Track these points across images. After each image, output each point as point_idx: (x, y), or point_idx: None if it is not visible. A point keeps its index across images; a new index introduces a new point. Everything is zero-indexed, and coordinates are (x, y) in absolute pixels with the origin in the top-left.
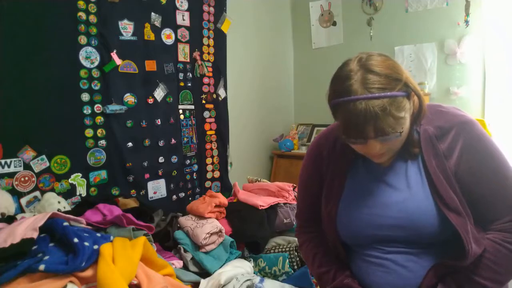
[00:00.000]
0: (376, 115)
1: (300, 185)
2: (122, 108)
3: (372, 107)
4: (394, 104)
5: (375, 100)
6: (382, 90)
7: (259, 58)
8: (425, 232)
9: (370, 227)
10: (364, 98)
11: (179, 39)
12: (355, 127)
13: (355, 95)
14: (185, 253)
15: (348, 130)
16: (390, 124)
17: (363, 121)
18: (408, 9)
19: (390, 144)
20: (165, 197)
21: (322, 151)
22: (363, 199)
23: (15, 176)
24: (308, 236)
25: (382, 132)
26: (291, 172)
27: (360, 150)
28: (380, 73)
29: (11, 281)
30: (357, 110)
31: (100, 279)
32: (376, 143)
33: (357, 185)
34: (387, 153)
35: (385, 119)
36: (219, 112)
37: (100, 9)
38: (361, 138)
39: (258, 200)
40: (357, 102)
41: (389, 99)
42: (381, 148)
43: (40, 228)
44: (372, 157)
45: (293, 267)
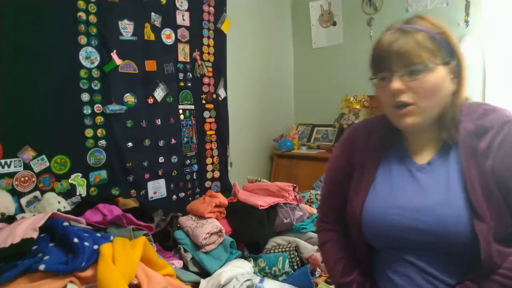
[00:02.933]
0: (407, 41)
1: (327, 174)
2: (122, 108)
3: (405, 33)
4: (432, 43)
5: (411, 29)
6: (425, 28)
7: (259, 58)
8: (455, 242)
9: (396, 229)
10: (399, 27)
11: (179, 39)
12: (382, 54)
13: None
14: (185, 253)
15: (374, 60)
16: (418, 53)
17: (390, 46)
18: (408, 9)
19: (416, 89)
20: (165, 197)
21: (357, 140)
22: (393, 197)
23: (15, 176)
24: (331, 235)
25: (408, 58)
26: (291, 172)
27: (386, 102)
28: (429, 20)
29: (11, 281)
30: (388, 36)
31: (100, 279)
32: (399, 80)
33: (388, 181)
34: (413, 110)
35: (415, 48)
36: (219, 112)
37: (100, 9)
38: (386, 70)
39: (258, 200)
40: (391, 31)
41: (426, 35)
42: (403, 88)
43: (40, 228)
44: (396, 110)
45: (293, 267)
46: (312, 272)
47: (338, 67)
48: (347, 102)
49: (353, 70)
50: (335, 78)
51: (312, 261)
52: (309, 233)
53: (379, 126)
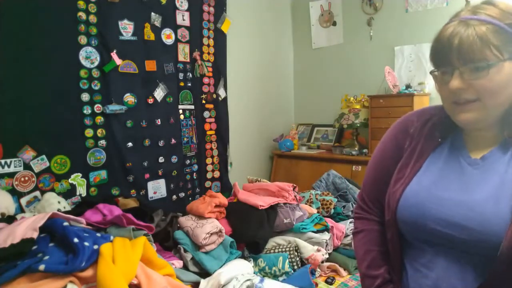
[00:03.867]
0: (468, 36)
1: (373, 158)
2: (122, 108)
3: (466, 26)
4: (497, 37)
5: (475, 21)
6: (491, 18)
7: (259, 58)
8: (489, 242)
9: (430, 220)
10: (463, 18)
11: (179, 39)
12: (442, 48)
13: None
14: (185, 253)
15: (434, 54)
16: (481, 50)
17: (450, 40)
18: (408, 9)
19: (479, 88)
20: (165, 197)
21: (408, 127)
22: (437, 187)
23: (15, 176)
24: (367, 224)
25: (468, 57)
26: (291, 172)
27: (445, 97)
28: (501, 6)
29: (11, 281)
30: (448, 28)
31: (100, 279)
32: (460, 78)
33: (436, 170)
34: (474, 106)
35: (477, 43)
36: (219, 112)
37: (100, 9)
38: (446, 65)
39: (258, 200)
40: (453, 23)
41: (492, 27)
42: (464, 87)
43: (40, 228)
44: (456, 106)
45: (293, 267)
46: (312, 272)
47: (338, 67)
48: (347, 102)
49: (353, 70)
50: (335, 78)
51: (312, 261)
52: (309, 233)
53: (436, 115)
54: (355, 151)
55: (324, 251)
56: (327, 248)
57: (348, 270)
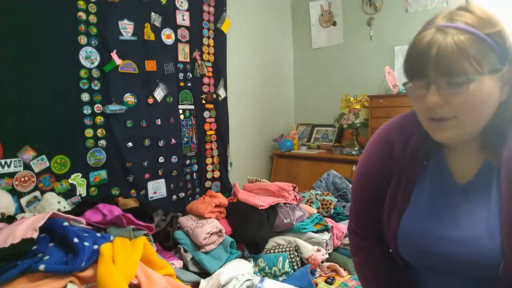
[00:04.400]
0: (444, 43)
1: (360, 178)
2: (122, 108)
3: (445, 34)
4: (477, 48)
5: (452, 29)
6: (470, 26)
7: (259, 58)
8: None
9: (429, 257)
10: (440, 25)
11: (179, 39)
12: (418, 57)
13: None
14: (185, 253)
15: (409, 64)
16: (460, 62)
17: (426, 49)
18: (408, 9)
19: (457, 104)
20: (165, 197)
21: (394, 146)
22: (429, 222)
23: (15, 176)
24: (368, 257)
25: (446, 70)
26: (291, 172)
27: (420, 112)
28: (477, 13)
29: (11, 281)
30: (424, 35)
31: (100, 279)
32: (437, 93)
33: (424, 201)
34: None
35: (454, 52)
36: (219, 112)
37: (100, 9)
38: (421, 77)
39: (258, 200)
40: (430, 30)
41: (471, 37)
42: (441, 102)
43: (40, 228)
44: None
45: (293, 267)
46: (312, 272)
47: (338, 67)
48: (347, 102)
49: (353, 70)
50: (335, 78)
51: (312, 261)
52: (309, 233)
53: (415, 131)
54: (355, 151)
55: (324, 251)
56: (327, 248)
57: (348, 270)
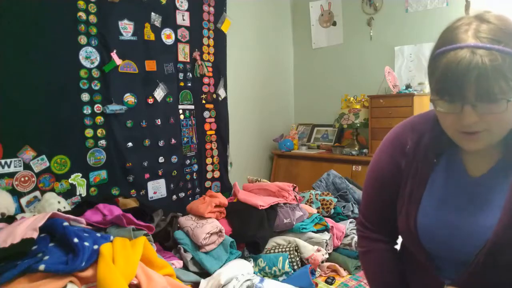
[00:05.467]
0: (484, 67)
1: (371, 174)
2: (122, 108)
3: (481, 57)
4: (508, 63)
5: (485, 51)
6: (497, 43)
7: (259, 58)
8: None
9: (445, 250)
10: (472, 46)
11: (179, 39)
12: (453, 80)
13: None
14: (185, 253)
15: (443, 85)
16: (498, 84)
17: (465, 72)
18: (408, 9)
19: (490, 120)
20: (165, 197)
21: (406, 143)
22: (444, 215)
23: (15, 176)
24: (374, 246)
25: (486, 93)
26: (291, 172)
27: (449, 125)
28: (497, 24)
29: (11, 281)
30: (460, 58)
31: (100, 279)
32: (474, 112)
33: (439, 195)
34: (482, 135)
35: (493, 75)
36: (219, 112)
37: (100, 9)
38: (457, 99)
39: (258, 200)
40: (462, 50)
41: (503, 55)
42: (477, 120)
43: (40, 228)
44: (464, 135)
45: (293, 267)
46: (312, 272)
47: (338, 67)
48: (347, 102)
49: (353, 70)
50: (335, 78)
51: (312, 261)
52: (309, 233)
53: (427, 131)
54: (355, 151)
55: (324, 251)
56: (327, 248)
57: (348, 270)
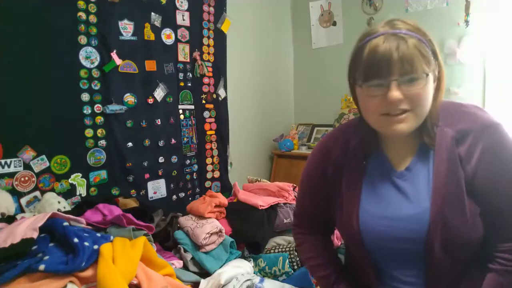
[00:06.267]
0: (408, 48)
1: (301, 184)
2: (122, 108)
3: (402, 39)
4: (427, 50)
5: (404, 35)
6: (411, 32)
7: (259, 58)
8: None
9: (388, 240)
10: (392, 32)
11: (179, 39)
12: (380, 61)
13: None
14: (185, 253)
15: (371, 67)
16: (419, 61)
17: (390, 53)
18: (408, 9)
19: (413, 97)
20: (165, 197)
21: (329, 153)
22: (381, 209)
23: (15, 176)
24: (307, 238)
25: (409, 69)
26: (291, 172)
27: (374, 109)
28: (409, 23)
29: (11, 281)
30: (384, 40)
31: (100, 279)
32: (398, 89)
33: (373, 192)
34: (406, 117)
35: (414, 53)
36: (219, 112)
37: (100, 9)
38: (384, 76)
39: (258, 200)
40: (383, 36)
41: (419, 37)
42: (402, 98)
43: (40, 228)
44: (388, 118)
45: (293, 267)
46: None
47: (338, 67)
48: (347, 102)
49: None
50: (335, 78)
51: None
52: None
53: (351, 137)
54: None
55: None
56: None
57: None
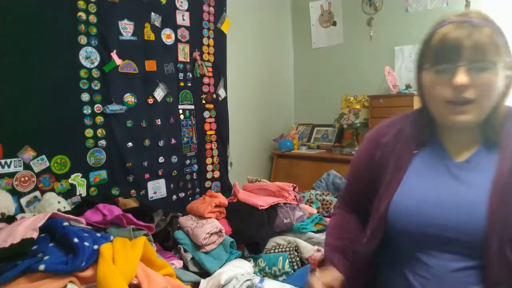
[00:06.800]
0: (481, 36)
1: (351, 166)
2: (122, 108)
3: (477, 27)
4: (500, 40)
5: (479, 24)
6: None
7: (259, 58)
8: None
9: (429, 226)
10: (468, 20)
11: (179, 39)
12: (450, 46)
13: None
14: (185, 253)
15: (439, 52)
16: (491, 50)
17: (460, 38)
18: (408, 9)
19: (480, 86)
20: (165, 197)
21: (381, 137)
22: (429, 193)
23: (15, 176)
24: (341, 211)
25: (480, 51)
26: (291, 172)
27: (439, 95)
28: (483, 14)
29: (11, 281)
30: (454, 29)
31: (100, 279)
32: (466, 74)
33: (422, 177)
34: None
35: (489, 41)
36: (219, 112)
37: (100, 9)
38: (452, 62)
39: (258, 200)
40: (456, 23)
41: (494, 27)
42: (469, 83)
43: (40, 228)
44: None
45: (293, 267)
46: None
47: (338, 67)
48: (347, 102)
49: (353, 70)
50: (335, 78)
51: (312, 261)
52: (309, 233)
53: (405, 126)
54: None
55: None
56: None
57: None
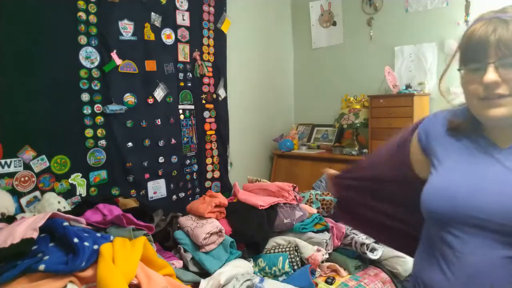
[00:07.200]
0: (506, 31)
1: (388, 141)
2: (122, 108)
3: (500, 24)
4: None
5: (505, 20)
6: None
7: (259, 58)
8: None
9: (465, 206)
10: (492, 17)
11: (179, 39)
12: (476, 43)
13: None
14: (185, 253)
15: (466, 51)
16: None
17: (487, 36)
18: (408, 9)
19: (511, 78)
20: (165, 197)
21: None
22: (472, 177)
23: (15, 176)
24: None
25: (506, 47)
26: (291, 172)
27: (472, 93)
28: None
29: (11, 281)
30: (484, 26)
31: (100, 279)
32: (495, 71)
33: (465, 163)
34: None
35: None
36: (219, 112)
37: (100, 9)
38: (480, 60)
39: (258, 200)
40: (483, 20)
41: None
42: (498, 80)
43: (40, 228)
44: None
45: (293, 267)
46: (312, 272)
47: (338, 67)
48: (347, 102)
49: (353, 70)
50: (335, 78)
51: (312, 261)
52: (309, 233)
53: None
54: (355, 151)
55: (324, 251)
56: (327, 248)
57: (348, 270)
